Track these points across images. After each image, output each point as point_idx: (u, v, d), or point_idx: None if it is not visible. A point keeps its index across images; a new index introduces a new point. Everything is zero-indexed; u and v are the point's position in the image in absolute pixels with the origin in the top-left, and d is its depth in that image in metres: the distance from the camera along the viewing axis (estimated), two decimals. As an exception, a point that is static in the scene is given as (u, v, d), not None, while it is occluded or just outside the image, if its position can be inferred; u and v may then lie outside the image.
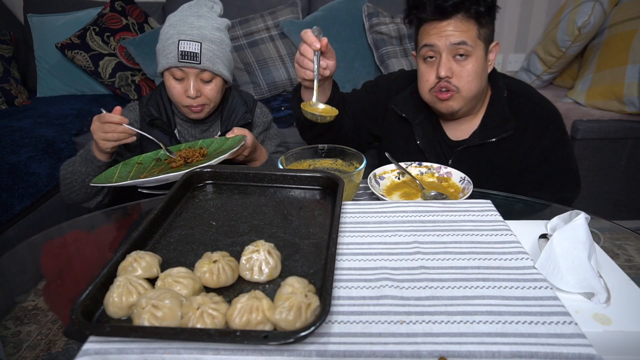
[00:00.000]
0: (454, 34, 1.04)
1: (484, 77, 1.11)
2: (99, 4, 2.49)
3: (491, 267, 0.61)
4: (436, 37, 1.06)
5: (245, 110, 1.37)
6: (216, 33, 1.25)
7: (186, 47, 1.19)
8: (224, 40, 1.28)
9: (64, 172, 1.23)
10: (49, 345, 0.82)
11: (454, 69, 1.08)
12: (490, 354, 0.47)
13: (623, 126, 1.94)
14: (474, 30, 1.05)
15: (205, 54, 1.21)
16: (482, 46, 1.08)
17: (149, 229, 0.65)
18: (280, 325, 0.49)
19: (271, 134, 1.47)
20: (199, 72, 1.23)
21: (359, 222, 0.73)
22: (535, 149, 1.14)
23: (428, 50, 1.09)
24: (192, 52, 1.19)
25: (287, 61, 2.33)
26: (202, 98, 1.26)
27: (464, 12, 1.03)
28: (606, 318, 0.57)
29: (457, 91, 1.09)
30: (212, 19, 1.26)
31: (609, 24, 2.07)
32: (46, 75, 2.43)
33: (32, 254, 1.02)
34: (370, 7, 2.34)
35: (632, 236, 0.94)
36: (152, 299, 0.50)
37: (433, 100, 1.14)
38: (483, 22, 1.06)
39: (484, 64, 1.10)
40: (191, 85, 1.23)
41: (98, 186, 1.20)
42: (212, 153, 1.17)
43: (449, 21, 1.04)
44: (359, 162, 0.93)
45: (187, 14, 1.24)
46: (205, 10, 1.26)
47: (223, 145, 1.18)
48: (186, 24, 1.22)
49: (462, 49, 1.05)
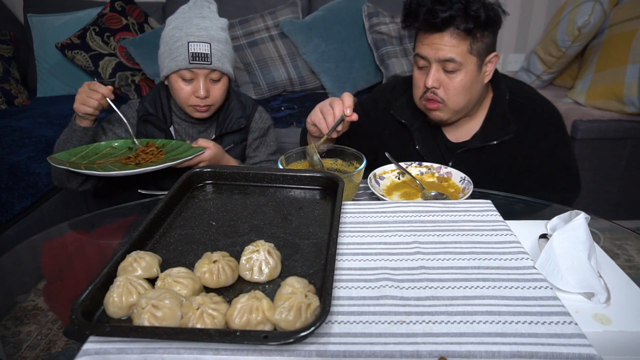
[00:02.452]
0: (444, 48, 1.04)
1: (474, 90, 1.11)
2: (99, 4, 2.49)
3: (491, 267, 0.61)
4: (428, 48, 1.06)
5: (241, 115, 1.38)
6: (222, 33, 1.27)
7: (197, 48, 1.21)
8: (227, 39, 1.30)
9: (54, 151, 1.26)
10: (49, 345, 0.82)
11: (442, 81, 1.08)
12: (490, 354, 0.47)
13: (623, 126, 1.94)
14: (465, 46, 1.04)
15: (215, 54, 1.23)
16: (474, 60, 1.07)
17: (149, 229, 0.65)
18: (280, 326, 0.49)
19: (267, 141, 1.46)
20: (208, 72, 1.25)
21: (359, 222, 0.73)
22: (536, 151, 1.14)
23: (420, 59, 1.10)
24: (203, 54, 1.21)
25: (287, 61, 2.33)
26: (210, 98, 1.28)
27: (454, 28, 1.03)
28: (606, 318, 0.57)
29: (443, 103, 1.10)
30: (215, 20, 1.27)
31: (609, 24, 2.07)
32: (46, 75, 2.43)
33: (32, 254, 1.02)
34: (370, 7, 2.34)
35: (632, 236, 0.94)
36: (152, 299, 0.50)
37: (424, 109, 1.16)
38: (478, 35, 1.05)
39: (474, 77, 1.08)
40: (201, 85, 1.24)
41: None
42: (170, 157, 1.19)
43: (440, 34, 1.04)
44: (359, 162, 0.93)
45: (191, 16, 1.25)
46: (207, 12, 1.27)
47: (185, 152, 1.21)
48: (193, 26, 1.23)
49: (449, 66, 1.05)
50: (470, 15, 1.01)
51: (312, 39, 2.28)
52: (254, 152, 1.43)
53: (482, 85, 1.13)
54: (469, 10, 1.01)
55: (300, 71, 2.34)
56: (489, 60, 1.10)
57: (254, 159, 1.43)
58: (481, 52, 1.07)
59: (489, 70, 1.12)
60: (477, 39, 1.05)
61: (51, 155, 1.14)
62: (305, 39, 2.28)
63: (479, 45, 1.06)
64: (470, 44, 1.05)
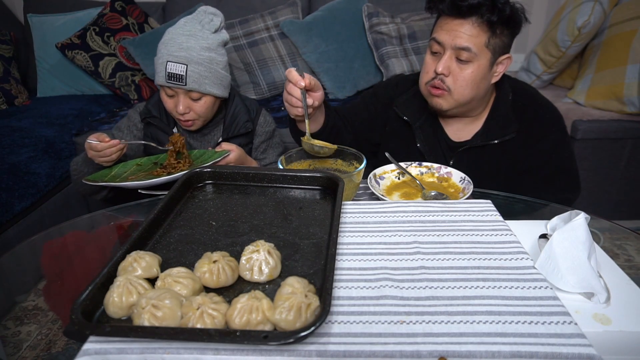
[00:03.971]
0: (463, 36, 1.04)
1: (482, 85, 1.10)
2: (99, 4, 2.49)
3: (491, 267, 0.61)
4: (446, 34, 1.06)
5: (247, 119, 1.39)
6: (204, 53, 1.25)
7: (172, 68, 1.22)
8: (214, 59, 1.27)
9: (73, 168, 1.30)
10: (49, 345, 0.82)
11: (453, 69, 1.08)
12: (490, 354, 0.47)
13: (623, 126, 1.94)
14: (483, 37, 1.04)
15: (191, 76, 1.23)
16: (489, 56, 1.06)
17: (149, 229, 0.65)
18: (280, 326, 0.49)
19: (274, 143, 1.48)
20: (186, 91, 1.26)
21: (359, 222, 0.73)
22: (537, 151, 1.14)
23: (435, 44, 1.09)
24: (178, 74, 1.22)
25: (287, 61, 2.33)
26: (192, 114, 1.29)
27: (478, 16, 1.02)
28: (606, 318, 0.57)
29: (448, 91, 1.09)
30: (202, 38, 1.25)
31: (609, 24, 2.07)
32: (46, 75, 2.43)
33: (32, 254, 1.02)
34: (370, 7, 2.34)
35: (632, 236, 0.94)
36: (152, 299, 0.50)
37: (427, 94, 1.15)
38: (497, 31, 1.05)
39: (485, 73, 1.08)
40: (180, 101, 1.27)
41: None
42: (199, 163, 1.23)
43: (462, 21, 1.04)
44: (359, 162, 0.93)
45: (179, 33, 1.25)
46: (198, 29, 1.26)
47: (210, 157, 1.23)
48: (175, 45, 1.23)
49: (464, 54, 1.05)
50: (497, 7, 1.02)
51: (312, 39, 2.28)
52: (262, 155, 1.45)
53: (489, 84, 1.13)
54: (497, 3, 1.01)
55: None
56: (501, 60, 1.10)
57: (264, 161, 1.45)
58: (496, 49, 1.07)
59: (499, 71, 1.12)
60: (496, 34, 1.05)
61: (86, 178, 1.18)
62: (305, 39, 2.28)
63: (496, 41, 1.06)
64: (489, 38, 1.05)
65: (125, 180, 1.16)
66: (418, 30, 2.31)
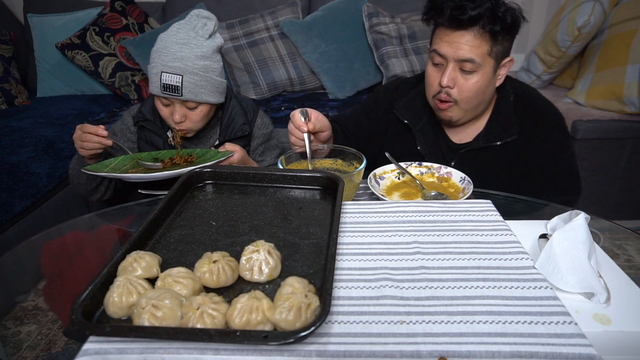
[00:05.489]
0: (465, 48, 1.02)
1: (487, 92, 1.10)
2: (99, 4, 2.49)
3: (491, 267, 0.61)
4: (447, 46, 1.04)
5: (244, 121, 1.38)
6: (199, 62, 1.22)
7: (167, 79, 1.20)
8: (209, 67, 1.24)
9: (70, 168, 1.32)
10: (49, 345, 0.82)
11: (457, 80, 1.06)
12: (490, 354, 0.47)
13: (623, 126, 1.94)
14: (485, 47, 1.03)
15: (187, 86, 1.21)
16: (492, 63, 1.06)
17: (149, 229, 0.65)
18: (280, 326, 0.49)
19: (271, 145, 1.46)
20: (182, 100, 1.24)
21: (359, 222, 0.73)
22: (538, 153, 1.14)
23: (437, 56, 1.08)
24: (173, 85, 1.20)
25: (287, 61, 2.33)
26: (187, 123, 1.27)
27: (479, 27, 1.01)
28: (606, 318, 0.57)
29: (455, 103, 1.09)
30: (197, 47, 1.22)
31: (609, 24, 2.07)
32: (46, 75, 2.43)
33: (32, 254, 1.02)
34: (370, 7, 2.34)
35: (632, 236, 0.94)
36: (152, 299, 0.50)
37: (435, 107, 1.15)
38: (499, 39, 1.03)
39: (490, 80, 1.08)
40: (176, 111, 1.25)
41: (98, 179, 1.29)
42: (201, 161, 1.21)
43: (463, 32, 1.02)
44: (359, 162, 0.93)
45: (173, 41, 1.21)
46: (192, 36, 1.22)
47: (213, 157, 1.21)
48: (169, 54, 1.20)
49: (467, 66, 1.04)
50: (498, 16, 1.00)
51: (312, 39, 2.28)
52: (260, 157, 1.44)
53: (493, 88, 1.12)
54: (497, 12, 1.00)
55: (300, 71, 2.34)
56: (503, 64, 1.10)
57: (262, 163, 1.44)
58: (499, 55, 1.06)
59: (502, 73, 1.11)
60: (498, 41, 1.04)
61: (85, 167, 1.16)
62: (305, 39, 2.28)
63: (498, 48, 1.05)
64: (491, 46, 1.03)
65: (126, 173, 1.14)
66: (418, 30, 2.31)
